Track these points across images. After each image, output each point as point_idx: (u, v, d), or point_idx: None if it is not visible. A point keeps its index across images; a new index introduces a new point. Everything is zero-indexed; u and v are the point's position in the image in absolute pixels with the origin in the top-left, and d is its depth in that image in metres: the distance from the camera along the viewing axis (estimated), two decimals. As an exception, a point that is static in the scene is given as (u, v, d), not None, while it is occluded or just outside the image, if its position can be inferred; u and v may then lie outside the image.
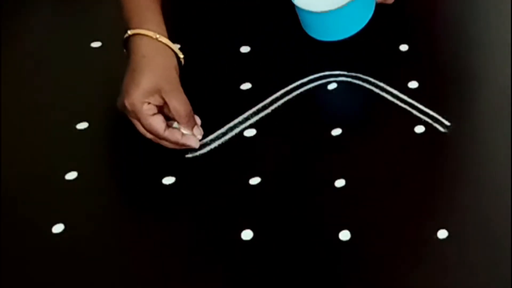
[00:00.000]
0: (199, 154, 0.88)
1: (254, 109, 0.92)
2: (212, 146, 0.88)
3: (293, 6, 0.95)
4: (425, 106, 0.91)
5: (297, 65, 0.97)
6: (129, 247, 0.80)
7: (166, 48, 0.87)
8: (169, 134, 0.85)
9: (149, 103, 0.84)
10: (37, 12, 1.08)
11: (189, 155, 0.88)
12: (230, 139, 0.89)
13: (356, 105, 0.95)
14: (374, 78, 0.94)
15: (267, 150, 0.89)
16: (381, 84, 0.94)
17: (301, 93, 0.94)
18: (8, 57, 1.00)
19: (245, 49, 0.99)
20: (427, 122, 0.90)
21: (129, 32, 0.87)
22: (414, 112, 0.91)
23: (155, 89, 0.84)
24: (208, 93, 0.95)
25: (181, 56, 0.89)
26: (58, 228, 0.81)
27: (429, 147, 0.88)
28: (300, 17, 0.97)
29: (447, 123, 0.90)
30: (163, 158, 0.87)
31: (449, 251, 0.79)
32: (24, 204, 0.84)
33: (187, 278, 0.78)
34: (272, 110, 0.92)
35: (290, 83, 0.94)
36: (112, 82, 0.94)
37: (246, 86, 0.95)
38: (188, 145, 0.86)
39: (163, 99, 0.85)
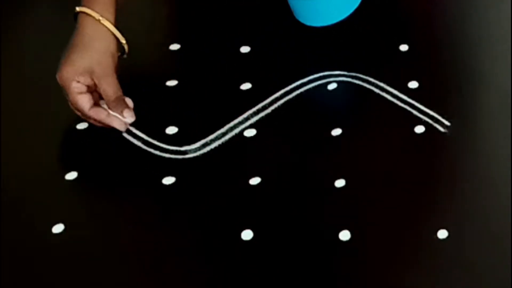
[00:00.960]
0: (199, 154, 0.88)
1: (254, 109, 0.92)
2: (212, 146, 0.88)
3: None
4: (425, 106, 0.91)
5: (297, 65, 0.97)
6: (129, 247, 0.80)
7: (107, 31, 0.89)
8: (94, 113, 0.87)
9: (78, 81, 0.86)
10: (37, 12, 1.08)
11: (189, 155, 0.88)
12: (230, 139, 0.89)
13: (356, 105, 0.95)
14: (374, 78, 0.94)
15: (267, 150, 0.89)
16: (381, 84, 0.94)
17: (301, 93, 0.94)
18: (7, 57, 1.00)
19: (245, 49, 0.99)
20: (427, 122, 0.90)
21: (77, 8, 0.89)
22: (414, 112, 0.91)
23: (86, 70, 0.86)
24: (208, 93, 0.95)
25: (123, 41, 0.90)
26: (58, 228, 0.81)
27: (429, 147, 0.88)
28: (290, 3, 0.97)
29: (447, 123, 0.90)
30: (163, 158, 0.87)
31: (449, 251, 0.79)
32: (24, 204, 0.84)
33: (187, 278, 0.78)
34: (272, 110, 0.92)
35: (290, 83, 0.94)
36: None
37: (246, 86, 0.95)
38: (113, 126, 0.88)
39: (94, 80, 0.87)
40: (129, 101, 0.90)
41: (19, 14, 1.07)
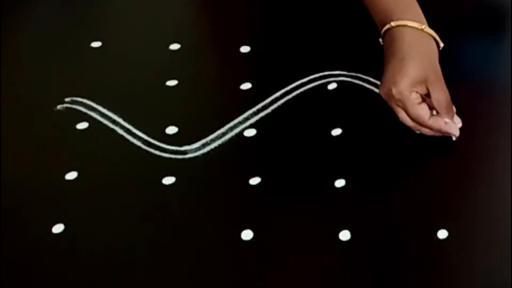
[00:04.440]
0: (199, 154, 0.88)
1: (254, 109, 0.92)
2: (212, 146, 0.89)
3: (292, 5, 0.95)
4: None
5: (297, 65, 0.97)
6: (129, 247, 0.80)
7: (429, 38, 0.88)
8: (433, 122, 0.87)
9: (416, 92, 0.86)
10: (37, 11, 1.08)
11: (189, 155, 0.88)
12: (230, 139, 0.89)
13: (356, 105, 0.95)
14: (374, 78, 0.95)
15: (267, 150, 0.89)
16: (381, 84, 0.94)
17: (301, 93, 0.94)
18: (7, 56, 1.00)
19: (245, 49, 0.99)
20: (427, 122, 0.90)
21: (392, 23, 0.88)
22: (414, 112, 0.91)
23: (422, 78, 0.86)
24: (208, 93, 0.95)
25: (442, 45, 0.89)
26: (58, 228, 0.81)
27: (429, 147, 0.88)
28: None
29: (447, 123, 0.90)
30: (163, 158, 0.87)
31: (449, 252, 0.79)
32: (24, 204, 0.84)
33: (187, 278, 0.78)
34: (272, 110, 0.92)
35: (290, 83, 0.94)
36: (112, 82, 0.95)
37: (246, 86, 0.95)
38: (450, 133, 0.87)
39: (427, 88, 0.86)
40: (453, 107, 0.88)
41: (18, 13, 1.07)
